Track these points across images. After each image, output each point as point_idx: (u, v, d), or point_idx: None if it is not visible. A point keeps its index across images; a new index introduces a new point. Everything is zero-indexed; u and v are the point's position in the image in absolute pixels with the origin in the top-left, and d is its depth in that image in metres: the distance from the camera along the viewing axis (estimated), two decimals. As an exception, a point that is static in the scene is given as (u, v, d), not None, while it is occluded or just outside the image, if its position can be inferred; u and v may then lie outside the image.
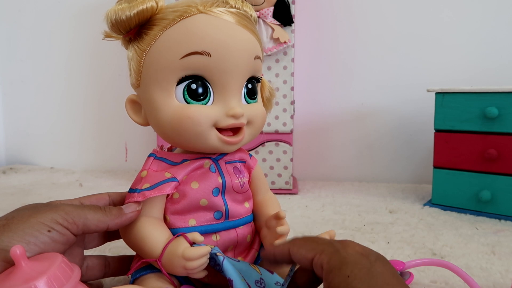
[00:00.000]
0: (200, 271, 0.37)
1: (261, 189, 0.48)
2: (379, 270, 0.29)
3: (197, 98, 0.39)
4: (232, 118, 0.39)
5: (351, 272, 0.29)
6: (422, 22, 1.08)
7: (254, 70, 0.42)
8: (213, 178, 0.42)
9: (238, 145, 0.42)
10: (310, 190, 1.03)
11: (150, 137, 1.21)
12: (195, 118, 0.38)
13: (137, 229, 0.40)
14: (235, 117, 0.39)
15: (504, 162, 0.76)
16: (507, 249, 0.60)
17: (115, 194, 0.45)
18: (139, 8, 0.38)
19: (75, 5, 1.28)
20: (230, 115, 0.39)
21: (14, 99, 1.38)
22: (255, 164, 0.47)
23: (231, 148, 0.42)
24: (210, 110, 0.39)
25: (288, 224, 0.42)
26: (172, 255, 0.37)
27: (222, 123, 0.39)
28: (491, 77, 1.03)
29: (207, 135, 0.39)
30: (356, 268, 0.29)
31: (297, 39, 1.07)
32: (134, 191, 0.40)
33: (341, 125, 1.16)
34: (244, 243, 0.45)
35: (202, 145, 0.40)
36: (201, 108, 0.39)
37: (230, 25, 0.39)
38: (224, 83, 0.39)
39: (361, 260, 0.30)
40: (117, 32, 0.40)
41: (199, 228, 0.41)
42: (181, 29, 0.38)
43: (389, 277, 0.29)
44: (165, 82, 0.39)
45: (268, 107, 0.49)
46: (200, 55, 0.38)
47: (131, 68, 0.41)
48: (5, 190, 0.99)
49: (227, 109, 0.39)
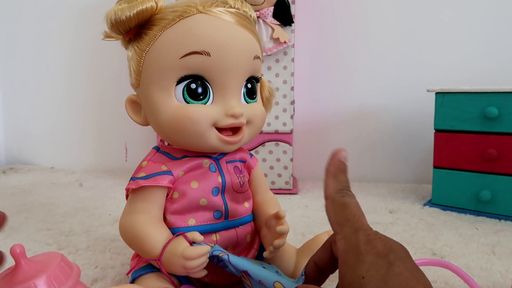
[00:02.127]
0: (199, 270, 0.37)
1: (261, 189, 0.48)
2: (397, 271, 0.27)
3: (197, 98, 0.39)
4: (231, 118, 0.40)
5: (367, 273, 0.27)
6: (422, 22, 1.08)
7: (253, 70, 0.42)
8: (213, 177, 0.42)
9: (237, 145, 0.42)
10: (310, 190, 1.03)
11: (150, 137, 1.21)
12: (195, 117, 0.38)
13: (136, 229, 0.40)
14: (235, 116, 0.40)
15: (504, 162, 0.76)
16: (507, 249, 0.60)
17: None
18: (139, 8, 0.38)
19: (75, 5, 1.28)
20: (230, 115, 0.39)
21: (14, 99, 1.38)
22: (255, 164, 0.47)
23: (231, 147, 0.42)
24: (210, 110, 0.39)
25: (288, 224, 0.42)
26: (172, 255, 0.37)
27: (221, 123, 0.39)
28: (491, 77, 1.03)
29: (207, 134, 0.39)
30: (372, 269, 0.27)
31: (297, 39, 1.07)
32: (131, 179, 0.41)
33: (341, 125, 1.16)
34: (244, 243, 0.45)
35: (202, 145, 0.40)
36: (200, 108, 0.39)
37: (230, 25, 0.39)
38: (223, 82, 0.39)
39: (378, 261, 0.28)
40: (117, 32, 0.40)
41: (199, 228, 0.41)
42: (180, 29, 0.38)
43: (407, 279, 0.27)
44: (165, 82, 0.39)
45: (268, 107, 0.49)
46: (199, 55, 0.38)
47: (131, 68, 0.41)
48: (5, 190, 0.99)
49: (226, 109, 0.39)
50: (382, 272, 0.27)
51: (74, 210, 0.81)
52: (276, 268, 0.43)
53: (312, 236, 0.65)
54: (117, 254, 0.57)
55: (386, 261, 0.28)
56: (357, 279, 0.27)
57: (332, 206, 0.32)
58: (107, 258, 0.56)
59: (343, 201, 0.32)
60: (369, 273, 0.27)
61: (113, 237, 0.64)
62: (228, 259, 0.37)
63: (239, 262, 0.37)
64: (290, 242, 0.53)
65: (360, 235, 0.30)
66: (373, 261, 0.28)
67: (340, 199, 0.32)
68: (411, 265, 0.28)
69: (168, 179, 0.40)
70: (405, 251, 0.30)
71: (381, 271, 0.27)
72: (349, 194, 0.33)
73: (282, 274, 0.42)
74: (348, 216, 0.31)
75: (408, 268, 0.28)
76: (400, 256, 0.28)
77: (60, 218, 0.75)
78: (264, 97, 0.48)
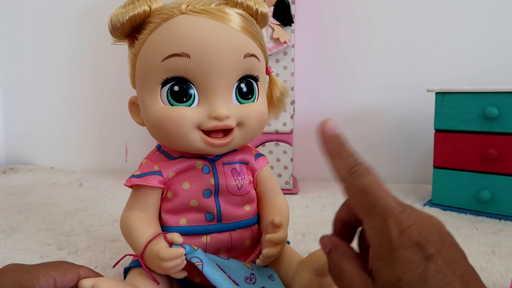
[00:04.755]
0: (176, 271, 0.37)
1: (268, 191, 0.46)
2: (434, 268, 0.25)
3: (180, 100, 0.39)
4: (215, 120, 0.38)
5: (404, 275, 0.25)
6: (422, 22, 1.08)
7: (246, 69, 0.40)
8: (204, 179, 0.41)
9: (227, 147, 0.41)
10: (310, 190, 1.03)
11: (150, 137, 1.19)
12: (176, 120, 0.38)
13: (128, 224, 0.41)
14: (218, 119, 0.38)
15: (504, 162, 0.76)
16: (507, 249, 0.60)
17: None
18: (131, 14, 0.38)
19: (75, 5, 1.28)
20: (213, 117, 0.38)
21: (14, 99, 1.38)
22: (261, 166, 0.45)
23: (218, 150, 0.41)
24: (193, 112, 0.38)
25: (285, 232, 0.41)
26: (150, 254, 0.38)
27: (205, 125, 0.39)
28: (491, 77, 1.03)
29: (189, 137, 0.39)
30: (409, 269, 0.25)
31: (297, 39, 1.07)
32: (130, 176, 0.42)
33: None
34: (241, 247, 0.44)
35: (186, 146, 0.40)
36: (183, 110, 0.38)
37: (212, 24, 0.38)
38: (207, 84, 0.38)
39: (414, 257, 0.26)
40: (117, 37, 0.41)
41: (189, 228, 0.41)
42: (163, 32, 0.38)
43: (445, 277, 0.25)
44: (151, 84, 0.39)
45: (280, 107, 0.47)
46: (179, 57, 0.37)
47: (129, 71, 0.43)
48: (5, 190, 0.99)
49: (210, 111, 0.38)
50: (419, 271, 0.25)
51: (74, 210, 0.81)
52: (271, 272, 0.42)
53: (312, 236, 0.65)
54: (117, 254, 0.57)
55: (422, 257, 0.26)
56: (394, 281, 0.26)
57: (352, 192, 0.29)
58: (107, 258, 0.56)
59: (362, 184, 0.28)
60: (405, 275, 0.25)
61: (113, 237, 0.64)
62: (201, 268, 0.36)
63: (210, 275, 0.36)
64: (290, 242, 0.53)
65: (391, 224, 0.27)
66: (409, 258, 0.26)
67: (357, 181, 0.29)
68: (450, 255, 0.26)
69: (158, 180, 0.41)
70: (442, 236, 0.28)
71: (417, 271, 0.25)
72: (364, 172, 0.29)
73: (275, 279, 0.41)
74: (372, 201, 0.28)
75: (446, 261, 0.26)
76: (437, 247, 0.26)
77: (60, 218, 0.75)
78: (274, 96, 0.46)
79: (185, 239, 0.39)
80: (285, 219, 0.44)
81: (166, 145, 0.42)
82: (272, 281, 0.41)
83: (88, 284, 0.36)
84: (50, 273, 0.35)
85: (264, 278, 0.40)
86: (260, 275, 0.40)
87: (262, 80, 0.43)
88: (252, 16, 0.42)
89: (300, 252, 0.54)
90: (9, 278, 0.33)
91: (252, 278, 0.40)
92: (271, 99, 0.46)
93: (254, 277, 0.40)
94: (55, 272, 0.35)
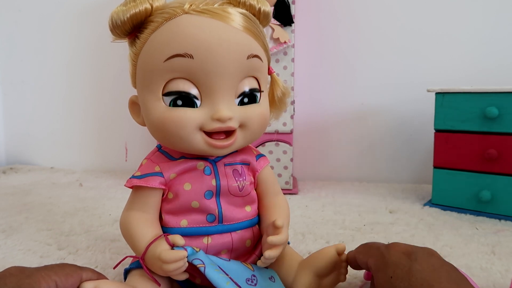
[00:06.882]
0: (178, 274, 0.37)
1: (269, 192, 0.46)
2: (419, 268, 0.32)
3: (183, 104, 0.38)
4: (217, 122, 0.38)
5: (394, 273, 0.32)
6: (422, 22, 1.08)
7: (249, 70, 0.40)
8: (206, 180, 0.41)
9: (229, 149, 0.41)
10: (310, 190, 1.03)
11: (150, 137, 1.19)
12: (178, 121, 0.38)
13: (128, 225, 0.41)
14: (221, 120, 0.38)
15: (504, 162, 0.76)
16: (507, 249, 0.60)
17: None
18: (132, 12, 0.38)
19: (75, 5, 1.28)
20: (215, 119, 0.38)
21: (14, 99, 1.38)
22: (262, 167, 0.45)
23: (220, 151, 0.40)
24: (195, 114, 0.38)
25: (286, 234, 0.41)
26: (152, 256, 0.38)
27: (208, 127, 0.38)
28: (491, 77, 1.03)
29: (191, 138, 0.38)
30: (398, 268, 0.33)
31: (297, 39, 1.07)
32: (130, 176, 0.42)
33: (341, 125, 1.16)
34: (242, 248, 0.44)
35: (188, 148, 0.40)
36: (186, 111, 0.38)
37: (215, 24, 0.37)
38: (210, 85, 0.38)
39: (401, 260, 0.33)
40: (118, 35, 0.40)
41: (190, 230, 0.41)
42: (165, 32, 0.37)
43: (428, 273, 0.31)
44: (153, 85, 0.39)
45: (281, 107, 0.47)
46: (182, 58, 0.37)
47: (129, 70, 0.42)
48: (5, 190, 0.99)
49: (213, 112, 0.38)
50: (406, 269, 0.32)
51: (74, 210, 0.81)
52: (272, 273, 0.42)
53: (312, 236, 0.65)
54: (117, 254, 0.57)
55: (409, 260, 0.33)
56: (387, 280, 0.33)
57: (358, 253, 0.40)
58: (107, 258, 0.56)
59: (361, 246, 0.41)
60: (395, 272, 0.32)
61: (113, 237, 0.64)
62: (204, 271, 0.36)
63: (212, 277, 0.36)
64: (290, 242, 0.53)
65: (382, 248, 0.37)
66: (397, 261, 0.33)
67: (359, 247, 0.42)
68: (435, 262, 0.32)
69: (158, 181, 0.40)
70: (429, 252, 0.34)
71: (404, 269, 0.32)
72: None
73: (276, 280, 0.41)
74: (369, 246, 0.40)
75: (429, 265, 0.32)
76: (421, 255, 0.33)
77: (60, 218, 0.75)
78: (276, 96, 0.46)
79: (186, 241, 0.39)
80: (285, 220, 0.44)
81: (168, 146, 0.42)
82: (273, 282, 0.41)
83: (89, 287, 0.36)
84: (52, 277, 0.35)
85: (265, 279, 0.40)
86: (261, 277, 0.40)
87: (264, 81, 0.43)
88: (254, 15, 0.41)
89: (300, 252, 0.54)
90: (10, 282, 0.33)
91: (253, 279, 0.39)
92: (273, 99, 0.46)
93: (255, 278, 0.40)
94: (57, 276, 0.35)
